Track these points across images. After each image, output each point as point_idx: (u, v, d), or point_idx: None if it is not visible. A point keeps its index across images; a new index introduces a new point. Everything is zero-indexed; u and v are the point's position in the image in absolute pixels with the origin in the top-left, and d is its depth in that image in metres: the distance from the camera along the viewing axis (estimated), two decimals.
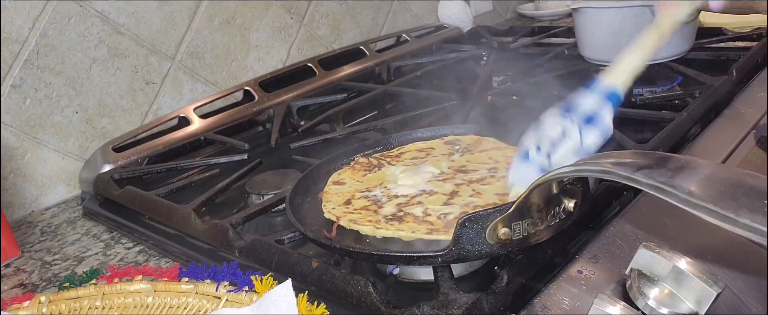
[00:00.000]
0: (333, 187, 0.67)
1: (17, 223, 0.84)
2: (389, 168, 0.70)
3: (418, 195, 0.62)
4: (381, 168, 0.70)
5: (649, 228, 0.56)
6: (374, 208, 0.61)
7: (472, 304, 0.47)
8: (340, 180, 0.69)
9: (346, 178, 0.69)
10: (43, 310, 0.57)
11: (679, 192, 0.35)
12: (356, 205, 0.62)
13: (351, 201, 0.63)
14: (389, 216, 0.58)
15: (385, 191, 0.64)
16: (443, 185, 0.64)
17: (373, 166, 0.71)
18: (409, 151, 0.75)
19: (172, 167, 0.88)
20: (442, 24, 1.49)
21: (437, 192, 0.62)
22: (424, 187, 0.64)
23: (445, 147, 0.74)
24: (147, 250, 0.71)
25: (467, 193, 0.61)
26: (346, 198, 0.64)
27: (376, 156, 0.74)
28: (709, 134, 0.75)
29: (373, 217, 0.58)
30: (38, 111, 0.89)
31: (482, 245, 0.49)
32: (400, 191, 0.64)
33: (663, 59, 1.01)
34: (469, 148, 0.73)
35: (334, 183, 0.68)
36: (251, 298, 0.54)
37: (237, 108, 1.05)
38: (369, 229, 0.56)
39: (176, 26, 1.04)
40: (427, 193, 0.62)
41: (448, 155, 0.71)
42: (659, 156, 0.41)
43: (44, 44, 0.88)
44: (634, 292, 0.46)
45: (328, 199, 0.64)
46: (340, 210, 0.61)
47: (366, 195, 0.64)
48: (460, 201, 0.60)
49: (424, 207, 0.59)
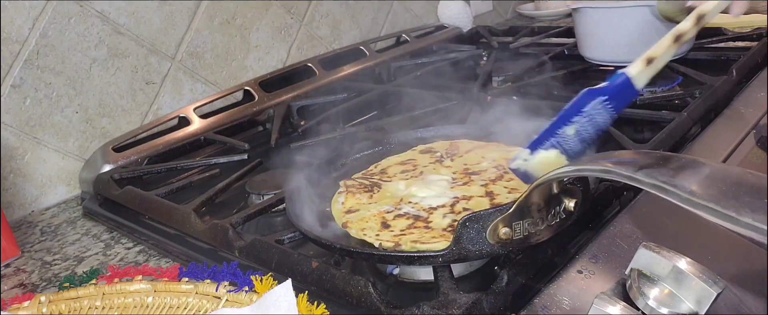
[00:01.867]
0: (350, 216, 0.61)
1: (17, 223, 0.84)
2: (389, 185, 0.66)
3: (456, 202, 0.60)
4: (380, 187, 0.66)
5: (649, 228, 0.56)
6: (421, 224, 0.57)
7: (472, 304, 0.47)
8: (350, 208, 0.63)
9: (353, 204, 0.64)
10: (43, 310, 0.57)
11: (681, 191, 0.35)
12: (399, 225, 0.58)
13: (388, 224, 0.58)
14: (448, 228, 0.56)
15: (416, 206, 0.61)
16: (470, 189, 0.62)
17: (368, 186, 0.67)
18: (390, 165, 0.72)
19: (172, 167, 0.88)
20: (442, 24, 1.49)
21: (473, 196, 0.61)
22: (453, 194, 0.62)
23: (426, 156, 0.72)
24: (147, 250, 0.71)
25: (503, 191, 0.60)
26: (378, 222, 0.59)
27: (358, 177, 0.70)
28: (709, 134, 0.75)
29: (433, 233, 0.55)
30: (38, 111, 0.89)
31: (483, 245, 0.49)
32: (433, 202, 0.61)
33: None
34: (452, 152, 0.71)
35: (347, 212, 0.62)
36: (251, 298, 0.54)
37: (237, 108, 1.05)
38: (443, 244, 0.51)
39: (176, 26, 1.04)
40: (464, 199, 0.60)
41: (439, 162, 0.70)
42: (660, 155, 0.41)
43: (44, 44, 0.88)
44: (634, 292, 0.46)
45: (359, 228, 0.58)
46: (387, 235, 0.56)
47: (399, 214, 0.60)
48: (502, 200, 0.59)
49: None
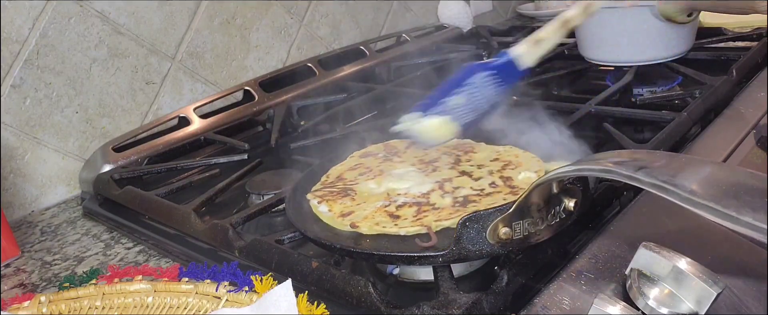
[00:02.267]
0: (349, 218, 0.58)
1: (17, 223, 0.84)
2: (359, 187, 0.64)
3: (442, 184, 0.61)
4: (353, 190, 0.63)
5: (649, 228, 0.56)
6: (428, 207, 0.57)
7: (472, 304, 0.47)
8: (342, 212, 0.59)
9: (342, 208, 0.60)
10: (43, 310, 0.57)
11: (681, 191, 0.35)
12: (407, 213, 0.57)
13: (397, 214, 0.57)
14: (455, 204, 0.55)
15: (408, 195, 0.60)
16: (443, 173, 0.64)
17: (340, 192, 0.64)
18: (342, 172, 0.69)
19: (172, 167, 0.88)
20: (442, 24, 1.49)
21: (452, 177, 0.62)
22: (433, 179, 0.62)
23: (370, 159, 0.71)
24: (147, 250, 0.71)
25: (473, 169, 0.63)
26: (385, 215, 0.57)
27: (318, 189, 0.66)
28: (709, 134, 0.75)
29: (445, 212, 0.55)
30: (38, 111, 0.89)
31: (483, 245, 0.49)
32: (422, 190, 0.61)
33: (663, 59, 1.01)
34: (391, 151, 0.72)
35: (341, 216, 0.58)
36: (251, 298, 0.54)
37: (237, 108, 1.05)
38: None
39: (176, 26, 1.04)
40: (446, 181, 0.61)
41: (388, 161, 0.69)
42: (660, 155, 0.41)
43: (44, 44, 0.88)
44: (634, 292, 0.46)
45: (371, 224, 0.56)
46: (405, 222, 0.55)
47: (399, 205, 0.59)
48: (479, 176, 0.62)
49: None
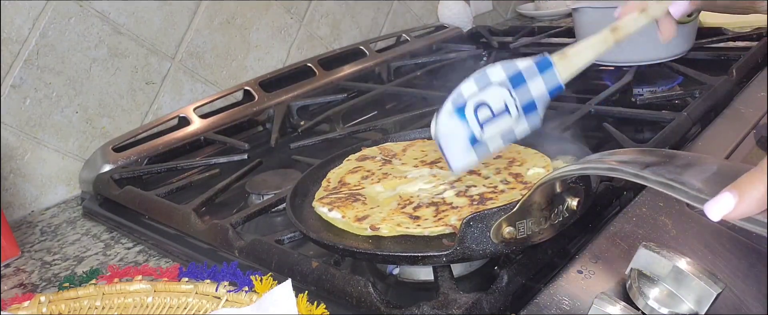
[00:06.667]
0: (366, 221, 0.56)
1: (17, 223, 0.84)
2: (367, 191, 0.63)
3: (453, 186, 0.60)
4: (362, 195, 0.62)
5: (649, 228, 0.56)
6: (446, 207, 0.56)
7: (472, 304, 0.47)
8: (357, 216, 0.57)
9: (356, 213, 0.58)
10: (43, 310, 0.57)
11: (689, 189, 0.35)
12: (427, 214, 0.56)
13: (417, 215, 0.56)
14: (472, 203, 0.55)
15: (422, 197, 0.59)
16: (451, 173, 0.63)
17: (349, 197, 0.62)
18: (342, 176, 0.67)
19: (172, 167, 0.88)
20: (442, 24, 1.49)
21: (461, 177, 0.62)
22: (444, 181, 0.62)
23: (368, 162, 0.70)
24: (147, 250, 0.71)
25: (480, 166, 0.62)
26: (405, 217, 0.56)
27: (323, 196, 0.64)
28: (709, 134, 0.75)
29: (464, 211, 0.54)
30: (38, 111, 0.89)
31: (487, 244, 0.49)
32: (435, 191, 0.60)
33: (663, 59, 1.01)
34: (389, 153, 0.71)
35: (357, 220, 0.57)
36: (251, 298, 0.54)
37: (237, 108, 1.05)
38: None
39: (176, 26, 1.04)
40: (458, 181, 0.61)
41: (388, 163, 0.69)
42: (665, 153, 0.40)
43: (44, 44, 0.88)
44: (634, 292, 0.46)
45: (393, 225, 0.55)
46: (427, 223, 0.54)
47: (416, 206, 0.58)
48: (487, 174, 0.61)
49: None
